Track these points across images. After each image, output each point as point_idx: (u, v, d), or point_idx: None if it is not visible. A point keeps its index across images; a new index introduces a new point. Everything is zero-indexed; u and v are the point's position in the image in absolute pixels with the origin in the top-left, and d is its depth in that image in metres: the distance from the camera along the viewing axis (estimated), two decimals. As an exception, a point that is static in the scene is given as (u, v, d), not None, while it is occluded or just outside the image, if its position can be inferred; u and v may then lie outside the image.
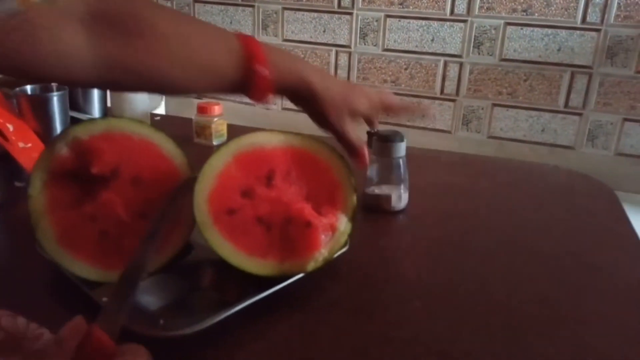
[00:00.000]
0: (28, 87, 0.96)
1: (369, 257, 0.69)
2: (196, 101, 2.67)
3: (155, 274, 0.55)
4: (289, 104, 2.52)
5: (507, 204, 0.87)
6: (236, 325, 0.53)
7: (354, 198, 0.59)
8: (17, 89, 0.94)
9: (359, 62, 2.25)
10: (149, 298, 0.53)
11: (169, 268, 0.56)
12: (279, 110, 2.40)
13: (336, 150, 0.61)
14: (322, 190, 0.58)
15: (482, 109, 2.12)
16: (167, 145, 0.57)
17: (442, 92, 2.16)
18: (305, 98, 0.60)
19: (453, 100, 2.16)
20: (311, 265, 0.56)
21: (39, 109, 0.92)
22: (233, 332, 0.52)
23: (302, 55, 2.32)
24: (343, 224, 0.58)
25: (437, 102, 2.18)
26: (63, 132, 0.54)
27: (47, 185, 0.51)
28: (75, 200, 0.53)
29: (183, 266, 0.57)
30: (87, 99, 1.06)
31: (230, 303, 0.51)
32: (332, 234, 0.57)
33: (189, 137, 1.08)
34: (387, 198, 0.78)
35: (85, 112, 1.07)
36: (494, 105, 2.11)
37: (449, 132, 2.19)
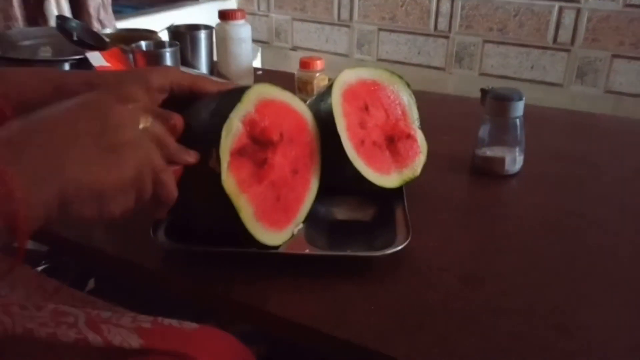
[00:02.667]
0: (143, 43, 1.00)
1: (480, 223, 0.67)
2: (293, 53, 2.66)
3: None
4: (384, 55, 2.46)
5: (633, 169, 0.80)
6: (347, 284, 0.54)
7: (416, 109, 0.69)
8: (133, 44, 0.99)
9: (462, 9, 2.12)
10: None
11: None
12: (374, 61, 2.35)
13: (394, 72, 0.69)
14: (396, 108, 0.67)
15: (600, 60, 1.94)
16: (296, 103, 0.60)
17: (554, 41, 1.98)
18: None
19: (567, 51, 1.98)
20: (419, 168, 0.67)
21: (154, 63, 0.97)
22: (341, 289, 0.53)
23: (401, 3, 2.23)
24: (419, 130, 0.69)
25: (548, 52, 2.01)
26: (231, 109, 0.52)
27: (231, 165, 0.51)
28: (253, 172, 0.54)
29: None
30: (196, 55, 1.09)
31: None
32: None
33: (291, 92, 1.08)
34: (500, 160, 0.74)
35: (194, 67, 1.11)
36: (614, 56, 1.91)
37: (561, 85, 2.03)
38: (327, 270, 0.55)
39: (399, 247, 0.55)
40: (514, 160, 0.74)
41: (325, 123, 0.61)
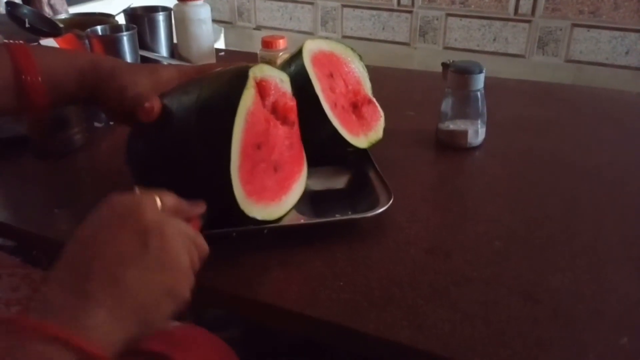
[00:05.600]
0: (99, 28, 0.97)
1: (445, 196, 0.68)
2: (257, 33, 2.61)
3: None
4: (349, 31, 2.44)
5: (592, 137, 0.82)
6: (316, 262, 0.54)
7: (369, 80, 0.73)
8: (89, 29, 0.95)
9: (424, -17, 2.12)
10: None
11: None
12: (339, 38, 2.33)
13: (348, 46, 0.72)
14: (353, 78, 0.70)
15: (561, 30, 1.97)
16: (284, 84, 0.59)
17: (516, 12, 2.00)
18: None
19: (528, 22, 2.00)
20: (381, 130, 0.71)
21: (111, 48, 0.94)
22: (310, 268, 0.53)
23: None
24: (374, 99, 0.73)
25: (510, 23, 2.03)
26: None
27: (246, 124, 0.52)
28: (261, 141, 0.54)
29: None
30: (155, 38, 1.07)
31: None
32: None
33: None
34: (463, 133, 0.75)
35: (153, 50, 1.08)
36: (574, 25, 1.95)
37: (523, 56, 2.05)
38: (296, 249, 0.56)
39: (388, 205, 0.58)
40: (477, 133, 0.75)
41: (299, 87, 0.62)
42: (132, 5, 1.12)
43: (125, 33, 0.94)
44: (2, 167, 0.75)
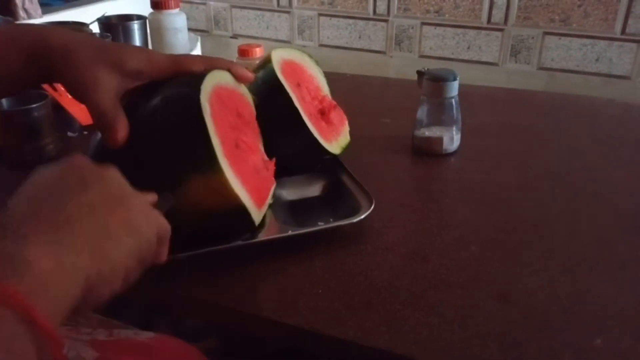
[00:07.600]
0: (72, 36, 0.96)
1: (422, 202, 0.68)
2: (234, 42, 2.61)
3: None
4: (326, 40, 2.45)
5: (564, 142, 0.84)
6: (294, 270, 0.54)
7: (326, 83, 0.74)
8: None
9: (399, -8, 2.14)
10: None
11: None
12: (316, 47, 2.35)
13: (304, 51, 0.73)
14: (312, 84, 0.71)
15: (532, 38, 2.01)
16: (242, 89, 0.59)
17: (489, 21, 2.04)
18: None
19: (501, 30, 2.04)
20: (348, 134, 0.72)
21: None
22: (289, 276, 0.53)
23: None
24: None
25: (483, 32, 2.07)
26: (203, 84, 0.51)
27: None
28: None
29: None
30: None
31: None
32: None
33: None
34: (438, 140, 0.76)
35: (128, 59, 1.07)
36: (545, 33, 1.99)
37: (496, 64, 2.09)
38: (274, 258, 0.56)
39: (371, 209, 0.58)
40: (452, 139, 0.76)
41: (276, 102, 0.62)
42: (107, 14, 1.11)
43: (99, 42, 0.93)
44: (-27, 179, 0.73)
